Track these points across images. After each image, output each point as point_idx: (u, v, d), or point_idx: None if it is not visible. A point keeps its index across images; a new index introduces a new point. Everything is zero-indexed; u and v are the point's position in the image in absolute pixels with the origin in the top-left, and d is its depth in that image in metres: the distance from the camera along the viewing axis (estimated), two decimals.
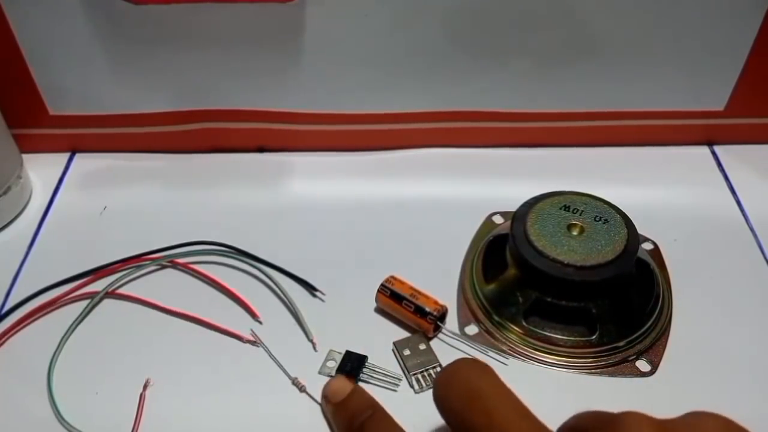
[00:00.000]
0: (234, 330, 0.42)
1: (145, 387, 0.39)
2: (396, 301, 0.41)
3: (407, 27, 0.47)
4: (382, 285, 0.42)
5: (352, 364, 0.39)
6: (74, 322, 0.43)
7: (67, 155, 0.55)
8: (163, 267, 0.46)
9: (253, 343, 0.42)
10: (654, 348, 0.41)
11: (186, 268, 0.46)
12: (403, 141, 0.54)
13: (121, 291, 0.45)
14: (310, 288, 0.44)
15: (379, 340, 0.41)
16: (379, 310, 0.43)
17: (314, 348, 0.41)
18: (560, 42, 0.49)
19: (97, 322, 0.43)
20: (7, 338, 0.42)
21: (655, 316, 0.42)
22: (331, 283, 0.44)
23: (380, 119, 0.53)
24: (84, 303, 0.44)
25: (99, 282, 0.45)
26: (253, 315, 0.43)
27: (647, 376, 0.40)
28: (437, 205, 0.50)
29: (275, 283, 0.44)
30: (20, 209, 0.50)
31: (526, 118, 0.53)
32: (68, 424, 0.37)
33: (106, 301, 0.44)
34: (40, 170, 0.53)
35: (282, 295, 0.44)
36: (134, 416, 0.38)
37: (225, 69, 0.49)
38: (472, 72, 0.50)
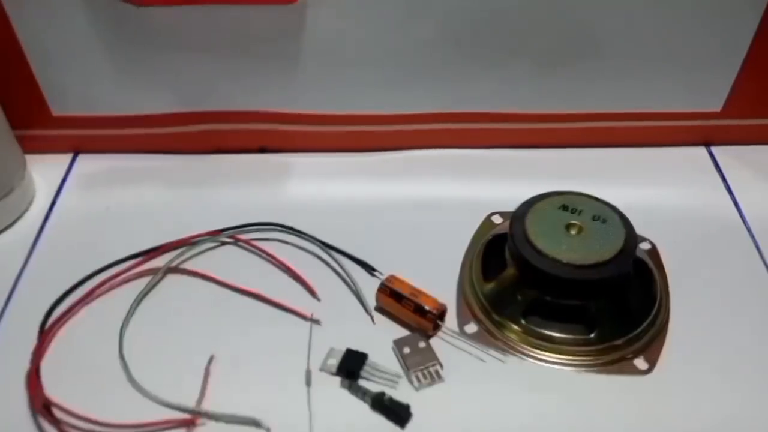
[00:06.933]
0: (297, 308, 0.43)
1: (210, 362, 0.40)
2: (396, 300, 0.42)
3: (408, 29, 0.48)
4: (382, 284, 0.42)
5: (353, 362, 0.40)
6: (139, 294, 0.44)
7: (70, 156, 0.55)
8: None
9: (315, 321, 0.42)
10: (651, 347, 0.41)
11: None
12: (403, 142, 0.54)
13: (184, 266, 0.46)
14: (369, 269, 0.45)
15: (379, 338, 0.41)
16: (379, 309, 0.43)
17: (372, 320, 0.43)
18: (559, 44, 0.49)
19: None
20: (81, 307, 0.43)
21: (652, 315, 0.42)
22: (330, 282, 0.45)
23: (381, 120, 0.53)
24: (147, 279, 0.45)
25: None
26: (312, 293, 0.44)
27: (645, 374, 0.40)
28: (437, 205, 0.51)
29: (339, 265, 0.46)
30: (24, 209, 0.50)
31: (526, 119, 0.53)
32: (141, 387, 0.39)
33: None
34: (44, 171, 0.53)
35: (344, 276, 0.45)
36: (199, 387, 0.39)
37: (226, 70, 0.50)
38: (472, 73, 0.50)
